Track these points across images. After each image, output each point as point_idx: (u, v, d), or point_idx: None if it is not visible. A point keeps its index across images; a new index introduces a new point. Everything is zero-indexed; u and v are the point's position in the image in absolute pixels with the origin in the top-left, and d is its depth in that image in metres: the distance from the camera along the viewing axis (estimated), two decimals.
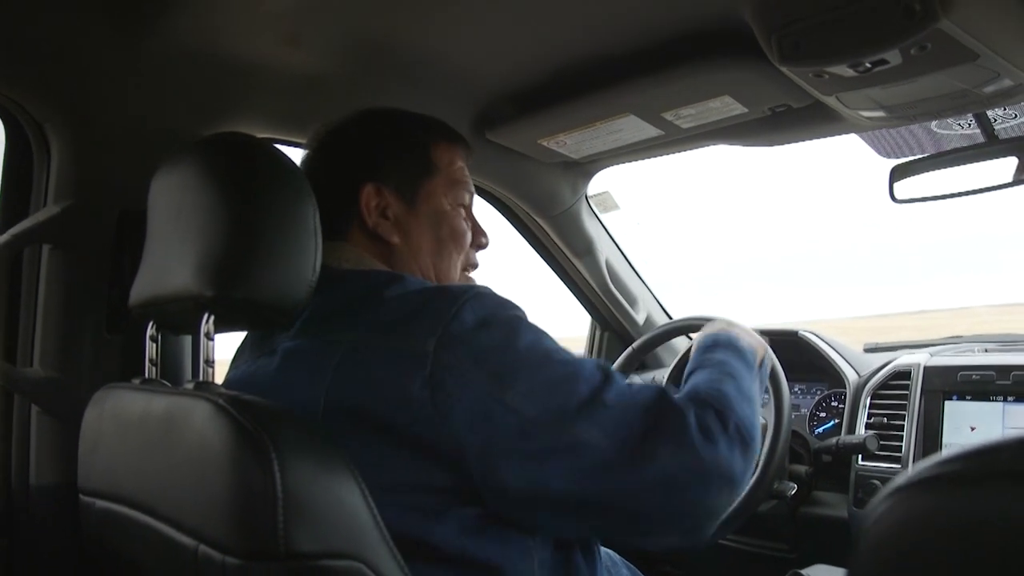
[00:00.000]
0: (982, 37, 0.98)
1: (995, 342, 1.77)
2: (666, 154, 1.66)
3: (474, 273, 1.15)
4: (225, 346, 1.02)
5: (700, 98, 1.31)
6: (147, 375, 1.02)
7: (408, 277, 0.97)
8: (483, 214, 1.20)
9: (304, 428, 0.78)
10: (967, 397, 1.54)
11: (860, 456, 1.60)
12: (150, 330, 1.02)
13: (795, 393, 1.87)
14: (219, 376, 0.96)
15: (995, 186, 1.37)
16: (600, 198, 1.99)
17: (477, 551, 0.84)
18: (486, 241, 1.14)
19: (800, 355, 1.81)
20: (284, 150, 0.95)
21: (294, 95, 1.35)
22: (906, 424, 1.58)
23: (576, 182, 1.85)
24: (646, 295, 2.20)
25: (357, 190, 1.02)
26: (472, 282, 1.13)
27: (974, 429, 1.52)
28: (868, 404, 1.67)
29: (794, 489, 1.53)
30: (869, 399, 1.67)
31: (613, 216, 2.04)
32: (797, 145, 1.55)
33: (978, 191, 1.40)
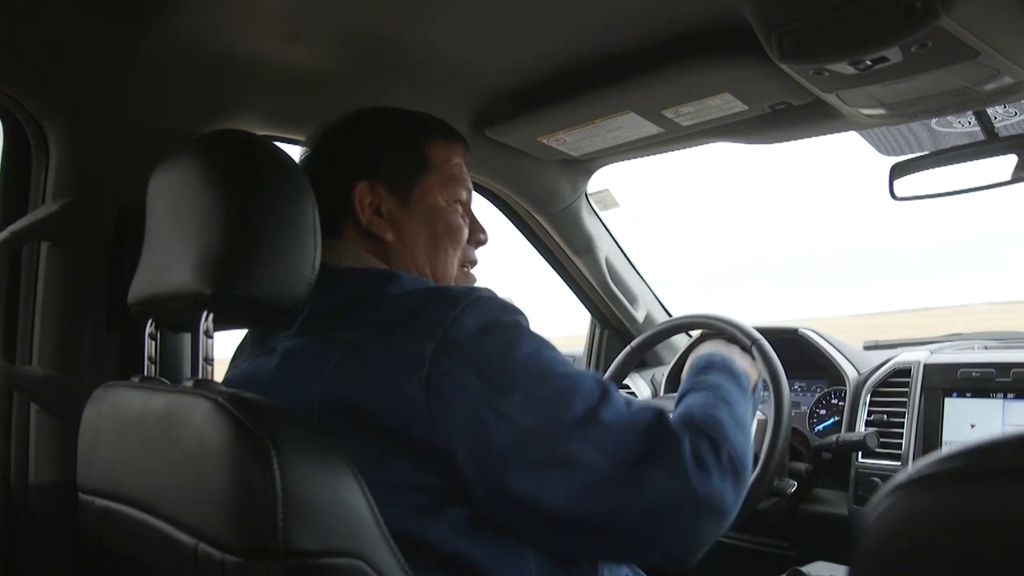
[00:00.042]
0: (982, 35, 0.98)
1: (995, 339, 1.78)
2: (666, 152, 1.66)
3: (474, 270, 1.14)
4: (225, 345, 1.02)
5: (700, 96, 1.31)
6: (146, 373, 1.02)
7: (407, 275, 0.97)
8: (483, 212, 1.20)
9: (304, 426, 0.78)
10: (967, 394, 1.54)
11: (860, 453, 1.60)
12: (149, 328, 1.02)
13: (795, 391, 1.88)
14: (219, 375, 0.96)
15: (995, 184, 1.37)
16: (600, 196, 1.98)
17: (472, 552, 0.83)
18: (485, 237, 1.13)
19: (800, 353, 1.81)
20: (284, 148, 0.95)
21: (294, 93, 1.35)
22: (906, 421, 1.58)
23: (576, 180, 1.85)
24: (646, 293, 2.20)
25: (351, 188, 1.01)
26: (471, 279, 1.13)
27: (974, 426, 1.52)
28: (868, 401, 1.67)
29: (794, 486, 1.53)
30: (869, 396, 1.67)
31: (613, 214, 2.04)
32: (797, 143, 1.55)
33: (978, 188, 1.40)
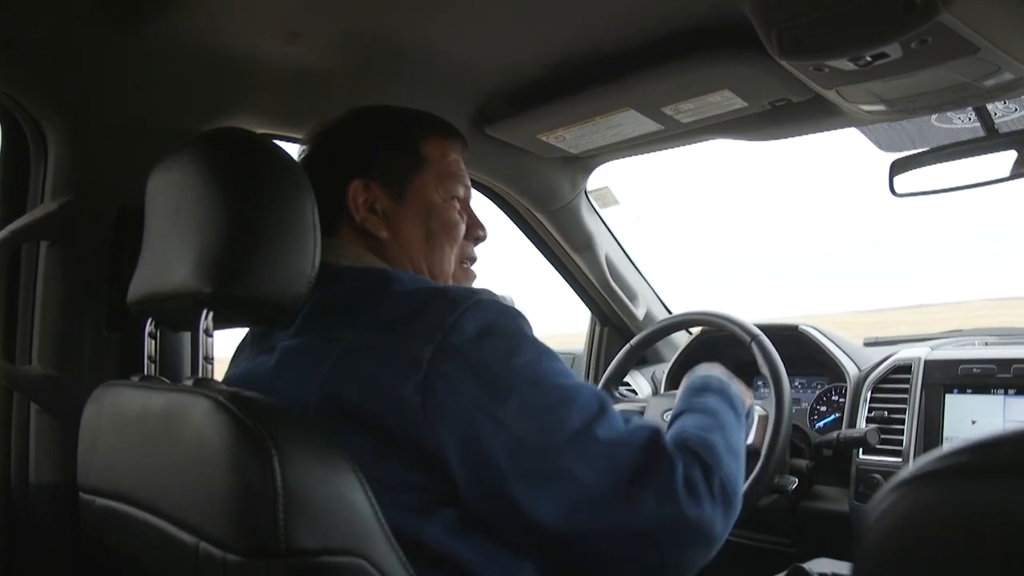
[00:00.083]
0: (983, 30, 0.98)
1: (995, 335, 1.78)
2: (666, 148, 1.66)
3: (475, 267, 1.14)
4: (226, 344, 1.02)
5: (700, 92, 1.31)
6: (146, 372, 1.01)
7: (406, 275, 0.97)
8: (483, 210, 1.19)
9: (304, 424, 0.78)
10: (968, 390, 1.54)
11: (861, 450, 1.60)
12: (149, 327, 1.02)
13: (795, 387, 1.87)
14: (219, 375, 0.95)
15: (995, 180, 1.37)
16: (599, 193, 1.98)
17: (464, 553, 0.83)
18: (484, 234, 1.13)
19: (800, 349, 1.81)
20: (284, 146, 0.95)
21: (293, 92, 1.34)
22: (907, 418, 1.58)
23: (575, 177, 1.84)
24: (646, 290, 2.20)
25: (345, 186, 1.01)
26: (471, 276, 1.13)
27: (975, 422, 1.52)
28: (869, 398, 1.67)
29: (795, 483, 1.53)
30: (870, 393, 1.67)
31: (613, 211, 2.04)
32: (796, 141, 1.55)
33: (978, 185, 1.40)
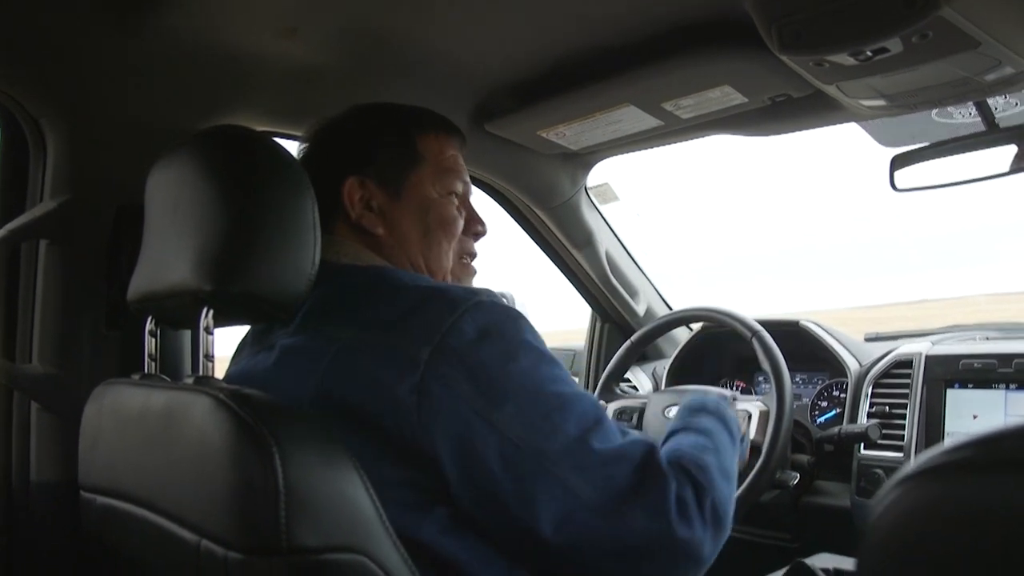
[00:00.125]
0: (983, 25, 0.97)
1: (996, 330, 1.78)
2: (666, 144, 1.65)
3: (475, 263, 1.13)
4: (226, 343, 1.02)
5: (700, 88, 1.31)
6: (146, 370, 1.01)
7: (406, 273, 0.97)
8: (484, 207, 1.18)
9: (305, 422, 0.78)
10: (969, 385, 1.54)
11: (862, 445, 1.60)
12: (149, 325, 1.02)
13: (797, 383, 1.87)
14: (219, 374, 0.95)
15: (995, 174, 1.36)
16: (600, 189, 1.98)
17: (459, 553, 0.83)
18: (483, 229, 1.12)
19: (801, 345, 1.81)
20: (284, 144, 0.95)
21: (292, 89, 1.34)
22: (908, 413, 1.58)
23: (575, 173, 1.84)
24: (646, 286, 2.19)
25: (341, 184, 1.01)
26: (471, 271, 1.12)
27: (976, 417, 1.52)
28: (870, 393, 1.67)
29: (796, 479, 1.53)
30: (871, 388, 1.67)
31: (613, 207, 2.03)
32: (796, 139, 1.55)
33: (978, 179, 1.39)
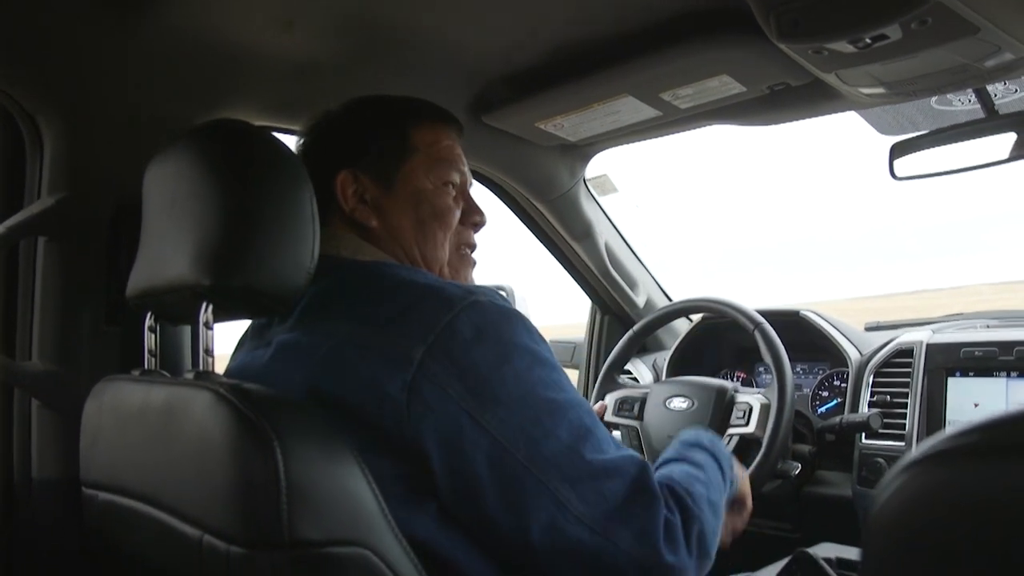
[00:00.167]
0: (982, 10, 0.97)
1: (997, 318, 1.77)
2: (664, 135, 1.65)
3: (475, 254, 1.12)
4: (226, 341, 1.02)
5: (698, 78, 1.30)
6: (146, 366, 1.01)
7: (405, 268, 0.96)
8: (483, 199, 1.18)
9: (306, 415, 0.78)
10: (970, 373, 1.54)
11: (864, 434, 1.61)
12: (148, 321, 1.01)
13: (797, 373, 1.87)
14: (220, 371, 0.95)
15: (995, 162, 1.36)
16: (598, 181, 1.98)
17: (450, 551, 0.82)
18: (482, 220, 1.10)
19: (802, 335, 1.81)
20: (283, 138, 0.94)
21: (289, 83, 1.34)
22: (909, 402, 1.58)
23: (574, 165, 1.84)
24: (646, 278, 2.19)
25: (335, 178, 1.01)
26: (469, 262, 1.11)
27: (977, 405, 1.52)
28: (871, 383, 1.67)
29: (798, 469, 1.53)
30: (872, 377, 1.67)
31: (612, 199, 2.04)
32: (795, 127, 1.54)
33: (978, 167, 1.39)
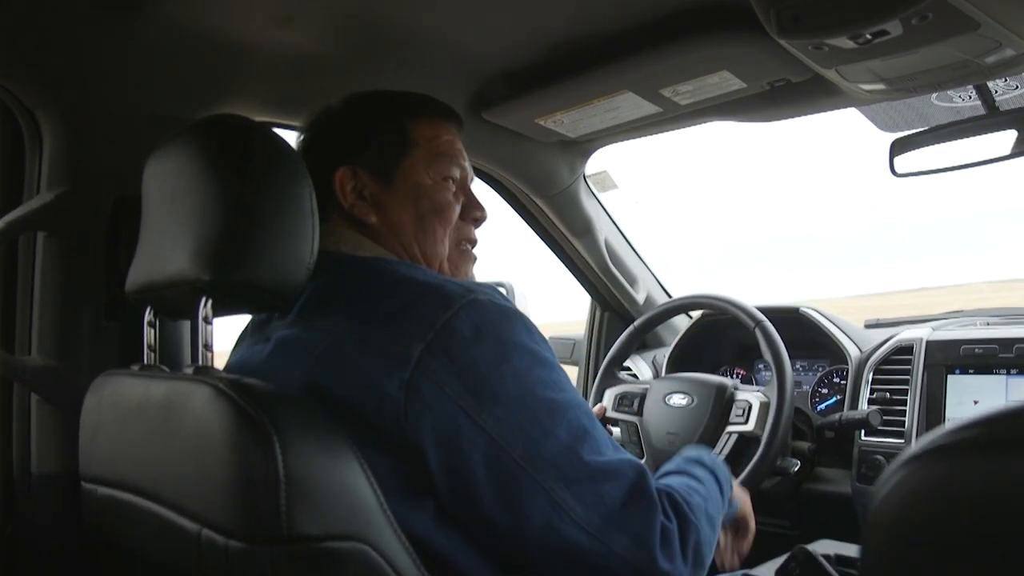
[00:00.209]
0: (983, 6, 0.97)
1: (997, 316, 1.77)
2: (664, 131, 1.65)
3: (475, 250, 1.11)
4: (226, 337, 1.02)
5: (698, 74, 1.30)
6: (146, 361, 1.01)
7: (404, 264, 0.96)
8: (483, 195, 1.17)
9: (305, 410, 0.78)
10: (970, 371, 1.54)
11: (863, 432, 1.61)
12: (148, 316, 1.01)
13: (797, 370, 1.87)
14: (219, 366, 0.95)
15: (995, 158, 1.36)
16: (598, 177, 1.98)
17: (448, 549, 0.82)
18: (482, 215, 1.10)
19: (802, 332, 1.81)
20: (282, 134, 0.94)
21: (289, 78, 1.34)
22: (909, 399, 1.58)
23: (574, 161, 1.84)
24: (645, 274, 2.19)
25: (334, 174, 1.00)
26: (470, 258, 1.10)
27: (977, 403, 1.52)
28: (870, 380, 1.67)
29: (797, 466, 1.53)
30: (871, 375, 1.67)
31: (611, 195, 2.03)
32: (794, 126, 1.54)
33: (978, 163, 1.39)
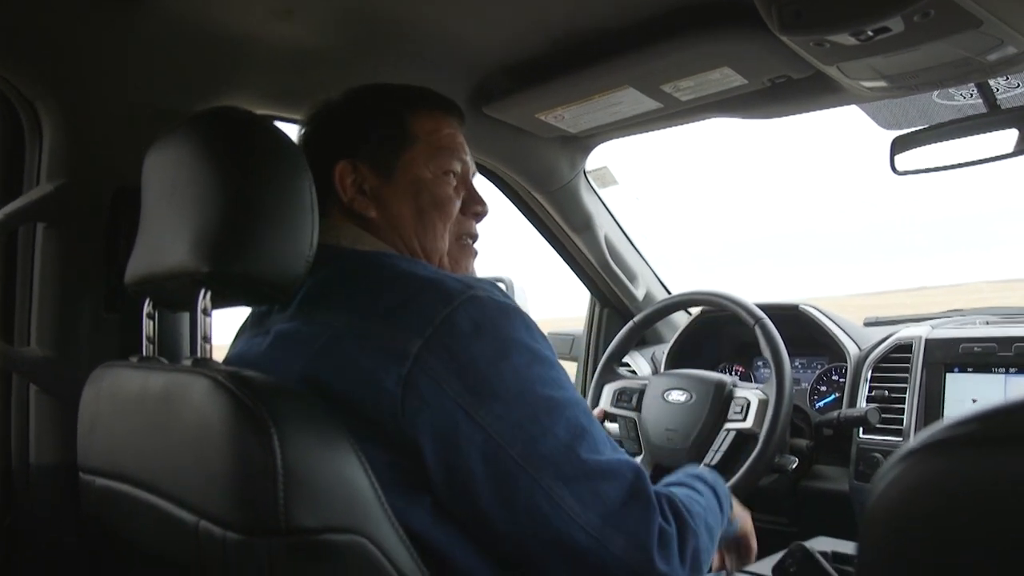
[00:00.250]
0: (986, 3, 0.96)
1: (996, 315, 1.77)
2: (665, 127, 1.65)
3: (476, 244, 1.10)
4: (226, 332, 1.02)
5: (699, 70, 1.30)
6: (144, 353, 1.01)
7: (404, 259, 0.96)
8: (483, 190, 1.17)
9: (304, 403, 0.78)
10: (968, 369, 1.54)
11: (861, 429, 1.61)
12: (147, 307, 1.01)
13: (796, 367, 1.88)
14: (218, 359, 0.95)
15: (996, 156, 1.36)
16: (598, 173, 1.97)
17: (446, 546, 0.82)
18: (483, 209, 1.09)
19: (801, 329, 1.81)
20: (284, 128, 0.94)
21: (288, 71, 1.33)
22: (907, 397, 1.58)
23: (574, 157, 1.83)
24: (645, 271, 2.19)
25: (334, 168, 1.00)
26: (470, 253, 1.09)
27: (975, 401, 1.52)
28: (869, 377, 1.67)
29: (795, 463, 1.53)
30: (870, 372, 1.67)
31: (612, 191, 2.03)
32: (795, 123, 1.54)
33: (979, 161, 1.39)
